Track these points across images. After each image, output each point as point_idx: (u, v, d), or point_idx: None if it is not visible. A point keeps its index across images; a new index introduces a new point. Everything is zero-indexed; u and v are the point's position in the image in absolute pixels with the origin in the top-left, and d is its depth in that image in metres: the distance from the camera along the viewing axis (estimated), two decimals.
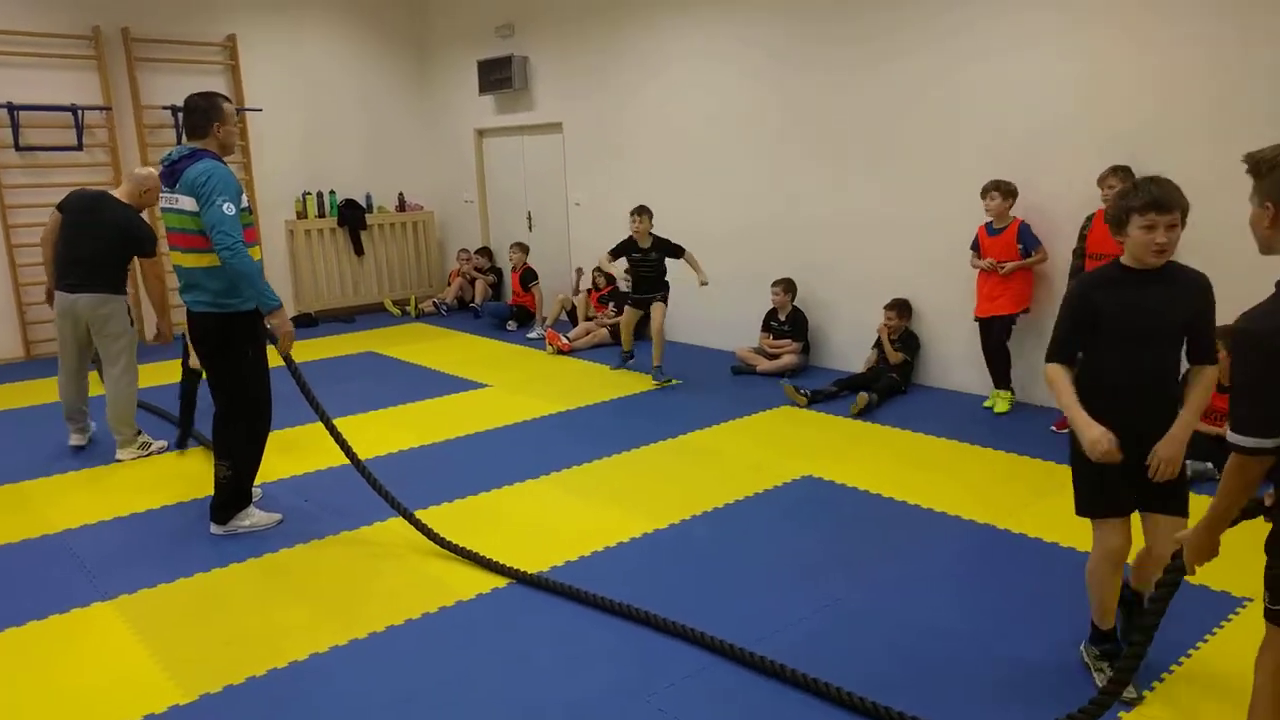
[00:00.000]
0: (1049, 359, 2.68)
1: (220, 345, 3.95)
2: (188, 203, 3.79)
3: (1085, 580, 2.81)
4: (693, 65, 7.65)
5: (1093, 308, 2.59)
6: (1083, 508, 2.74)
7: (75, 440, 5.40)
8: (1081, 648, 2.90)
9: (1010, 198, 5.49)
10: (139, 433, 5.33)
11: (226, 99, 4.06)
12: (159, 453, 5.31)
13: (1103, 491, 2.66)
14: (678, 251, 6.62)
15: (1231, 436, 1.92)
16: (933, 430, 5.36)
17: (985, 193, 5.51)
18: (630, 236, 6.66)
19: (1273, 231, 1.92)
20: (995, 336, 5.66)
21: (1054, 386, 2.65)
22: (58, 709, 2.83)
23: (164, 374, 6.72)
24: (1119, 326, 2.57)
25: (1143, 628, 2.31)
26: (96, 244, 4.99)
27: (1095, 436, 2.48)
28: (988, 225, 5.63)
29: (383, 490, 4.02)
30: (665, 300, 6.74)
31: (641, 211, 6.57)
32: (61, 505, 4.54)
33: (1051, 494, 4.24)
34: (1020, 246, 5.48)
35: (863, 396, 5.78)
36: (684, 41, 7.68)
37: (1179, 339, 2.61)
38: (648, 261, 6.66)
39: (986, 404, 5.80)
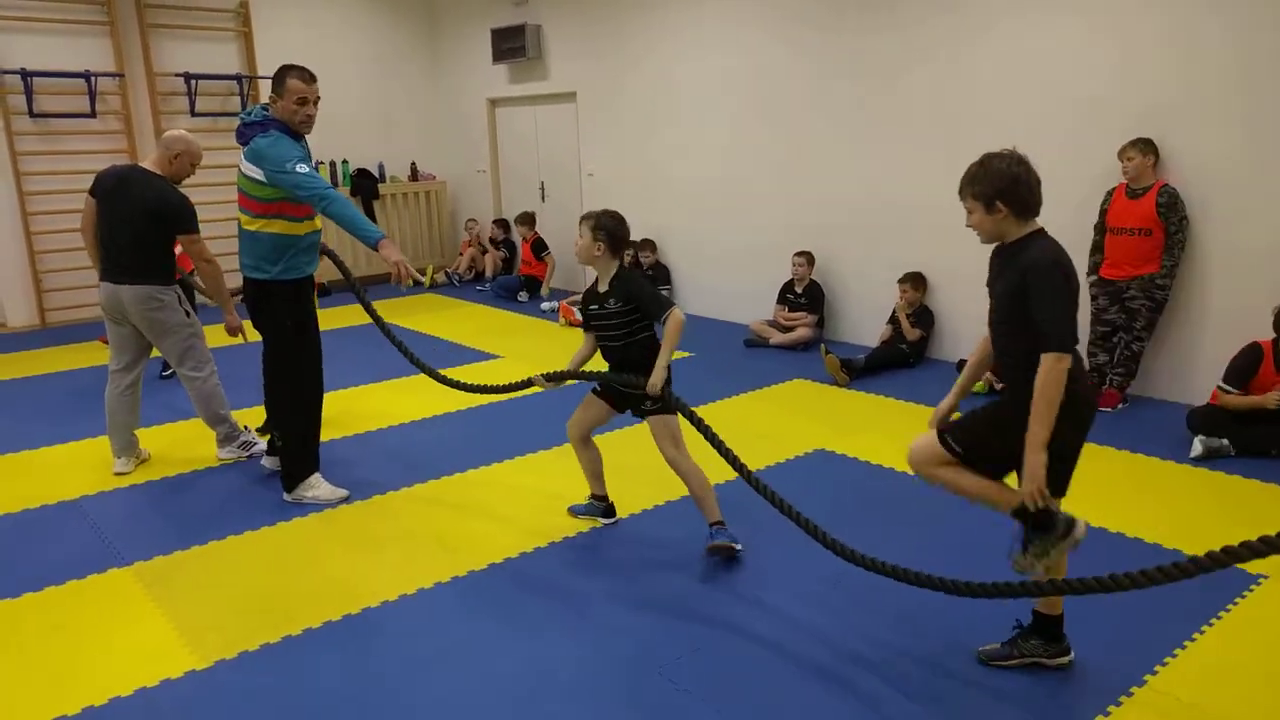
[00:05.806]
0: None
1: (258, 311, 4.01)
2: (249, 168, 3.79)
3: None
4: (710, 32, 7.55)
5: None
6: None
7: (119, 467, 4.56)
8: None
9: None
10: (245, 428, 4.75)
11: (299, 73, 3.79)
12: (258, 457, 4.64)
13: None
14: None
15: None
16: None
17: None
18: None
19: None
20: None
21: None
22: (75, 674, 2.87)
23: None
24: None
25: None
26: (131, 228, 4.31)
27: None
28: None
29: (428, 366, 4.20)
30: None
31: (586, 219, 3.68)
32: (78, 472, 4.58)
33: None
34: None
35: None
36: (701, 7, 7.58)
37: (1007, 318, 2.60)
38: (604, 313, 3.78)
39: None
